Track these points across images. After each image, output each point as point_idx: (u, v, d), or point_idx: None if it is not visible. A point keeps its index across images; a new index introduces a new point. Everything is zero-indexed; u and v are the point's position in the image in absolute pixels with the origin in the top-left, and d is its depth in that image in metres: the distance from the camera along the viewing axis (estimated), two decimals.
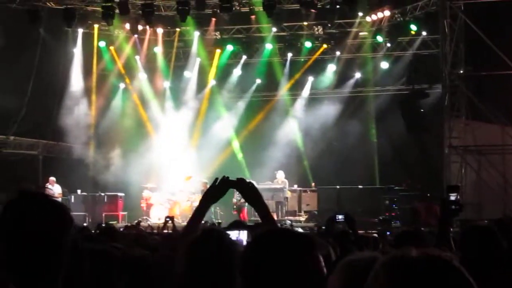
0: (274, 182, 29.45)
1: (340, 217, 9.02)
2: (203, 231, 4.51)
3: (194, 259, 4.16)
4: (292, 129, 33.50)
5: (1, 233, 3.11)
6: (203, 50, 34.12)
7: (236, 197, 28.73)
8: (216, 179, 5.39)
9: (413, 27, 30.29)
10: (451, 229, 6.55)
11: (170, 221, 14.85)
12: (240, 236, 5.45)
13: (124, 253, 5.17)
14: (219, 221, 27.59)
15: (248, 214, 28.29)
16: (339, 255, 6.86)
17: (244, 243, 5.28)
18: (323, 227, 8.87)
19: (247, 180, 5.43)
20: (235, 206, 28.90)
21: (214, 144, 32.78)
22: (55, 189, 29.00)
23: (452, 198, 6.38)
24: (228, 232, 4.71)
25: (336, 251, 7.24)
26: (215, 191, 5.42)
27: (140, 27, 32.61)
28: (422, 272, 2.24)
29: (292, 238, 2.96)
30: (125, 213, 30.92)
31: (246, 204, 28.59)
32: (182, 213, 29.19)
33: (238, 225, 7.69)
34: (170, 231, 14.40)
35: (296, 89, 34.27)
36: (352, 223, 8.75)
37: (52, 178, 29.30)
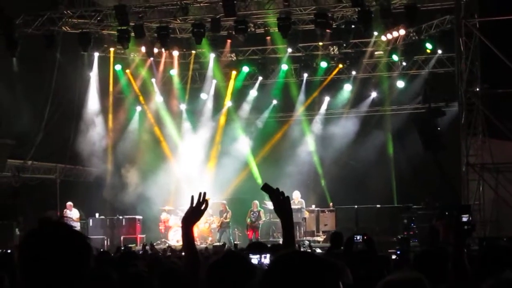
0: (291, 203, 29.26)
1: (359, 237, 9.00)
2: (224, 254, 4.50)
3: (215, 283, 4.15)
4: (309, 149, 33.47)
5: (22, 262, 3.17)
6: (219, 71, 34.23)
7: (251, 217, 28.69)
8: (192, 197, 5.28)
9: (429, 46, 30.29)
10: (470, 247, 6.50)
11: None
12: (263, 260, 5.41)
13: None
14: (237, 242, 27.58)
15: (264, 235, 28.38)
16: (360, 275, 6.84)
17: None
18: (342, 248, 8.82)
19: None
20: (248, 226, 28.87)
21: (232, 166, 32.67)
22: (73, 213, 28.98)
23: (464, 219, 6.35)
24: (250, 255, 4.68)
25: (355, 272, 7.22)
26: (193, 212, 5.30)
27: (155, 50, 32.68)
28: None
29: (314, 262, 2.94)
30: (143, 235, 30.88)
31: (260, 225, 28.70)
32: (200, 234, 29.15)
33: (258, 246, 7.67)
34: None
35: (312, 109, 34.28)
36: (371, 243, 8.72)
37: (70, 203, 29.24)
